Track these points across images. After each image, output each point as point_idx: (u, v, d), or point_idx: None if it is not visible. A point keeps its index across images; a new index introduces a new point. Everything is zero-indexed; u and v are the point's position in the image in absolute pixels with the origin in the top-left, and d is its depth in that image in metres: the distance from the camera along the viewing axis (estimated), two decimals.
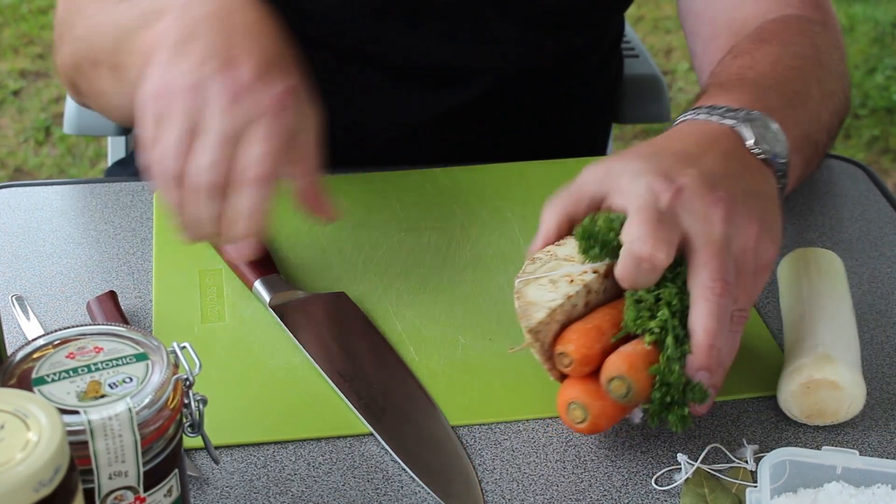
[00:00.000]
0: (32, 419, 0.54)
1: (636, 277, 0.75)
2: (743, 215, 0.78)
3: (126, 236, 1.00)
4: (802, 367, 0.80)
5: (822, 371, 0.79)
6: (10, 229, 1.00)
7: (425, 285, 0.94)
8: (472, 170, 1.09)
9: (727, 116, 0.84)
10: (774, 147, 0.84)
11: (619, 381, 0.74)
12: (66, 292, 0.93)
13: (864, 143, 2.90)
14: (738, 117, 0.84)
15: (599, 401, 0.76)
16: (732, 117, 0.84)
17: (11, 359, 0.62)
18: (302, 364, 0.86)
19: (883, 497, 0.73)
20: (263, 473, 0.77)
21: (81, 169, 2.72)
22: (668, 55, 3.17)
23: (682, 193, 0.76)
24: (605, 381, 0.74)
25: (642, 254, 0.74)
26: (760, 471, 0.73)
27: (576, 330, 0.76)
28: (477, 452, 0.80)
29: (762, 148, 0.83)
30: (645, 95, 1.48)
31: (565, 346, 0.76)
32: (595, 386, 0.76)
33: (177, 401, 0.63)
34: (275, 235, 0.99)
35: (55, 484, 0.52)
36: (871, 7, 3.40)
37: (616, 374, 0.74)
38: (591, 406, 0.76)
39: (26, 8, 3.29)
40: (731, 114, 0.84)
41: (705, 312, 0.74)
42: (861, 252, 1.01)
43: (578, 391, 0.76)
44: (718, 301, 0.74)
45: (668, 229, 0.75)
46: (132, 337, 0.64)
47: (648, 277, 0.75)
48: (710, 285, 0.74)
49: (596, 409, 0.76)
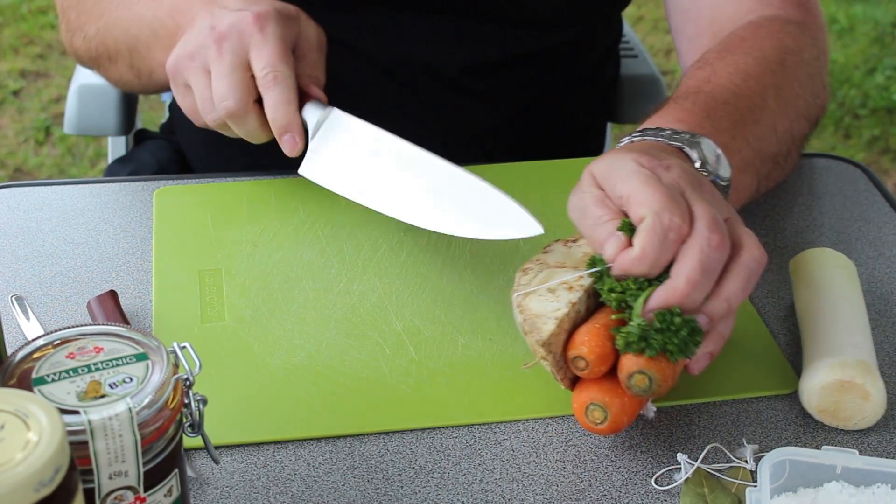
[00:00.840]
0: (32, 419, 0.54)
1: (661, 252, 0.74)
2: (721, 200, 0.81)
3: (126, 236, 1.00)
4: (845, 365, 0.80)
5: (863, 377, 0.79)
6: (10, 229, 1.00)
7: (425, 285, 0.94)
8: (471, 170, 1.09)
9: (673, 139, 0.86)
10: (718, 170, 0.85)
11: (641, 376, 0.74)
12: (66, 292, 0.93)
13: (864, 143, 2.90)
14: (682, 140, 0.85)
15: (618, 398, 0.76)
16: (678, 140, 0.85)
17: (11, 359, 0.62)
18: (302, 364, 0.86)
19: (883, 497, 0.73)
20: (263, 473, 0.78)
21: (81, 169, 2.72)
22: (667, 55, 3.17)
23: (673, 170, 0.78)
24: (626, 378, 0.74)
25: (671, 224, 0.74)
26: (760, 471, 0.73)
27: (586, 332, 0.76)
28: (477, 452, 0.80)
29: (707, 170, 0.85)
30: (644, 96, 1.48)
31: (579, 350, 0.76)
32: (610, 385, 0.76)
33: (177, 401, 0.63)
34: (274, 235, 0.99)
35: (55, 484, 0.52)
36: (871, 7, 3.40)
37: (636, 369, 0.74)
38: (610, 405, 0.76)
39: (26, 8, 3.29)
40: (677, 136, 0.86)
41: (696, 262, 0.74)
42: (861, 252, 1.01)
43: (595, 392, 0.76)
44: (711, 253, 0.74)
45: (681, 201, 0.76)
46: (132, 337, 0.64)
47: (672, 249, 0.74)
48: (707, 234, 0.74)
49: (615, 407, 0.76)
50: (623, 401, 0.76)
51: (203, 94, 0.93)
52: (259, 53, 0.91)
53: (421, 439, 0.81)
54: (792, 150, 1.00)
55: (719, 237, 0.74)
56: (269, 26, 0.92)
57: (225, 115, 0.93)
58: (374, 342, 0.88)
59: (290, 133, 0.92)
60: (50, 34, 3.19)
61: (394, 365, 0.86)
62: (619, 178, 0.78)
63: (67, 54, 1.20)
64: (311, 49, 0.98)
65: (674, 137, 0.86)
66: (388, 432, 0.81)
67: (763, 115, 0.95)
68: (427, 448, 0.80)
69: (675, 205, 0.75)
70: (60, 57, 3.09)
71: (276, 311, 0.91)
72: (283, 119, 0.92)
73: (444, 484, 0.77)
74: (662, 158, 0.80)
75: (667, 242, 0.74)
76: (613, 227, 0.76)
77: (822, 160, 1.15)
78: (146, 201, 1.04)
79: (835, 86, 3.10)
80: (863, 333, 0.84)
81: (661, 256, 0.74)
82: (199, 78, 0.93)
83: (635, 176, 0.77)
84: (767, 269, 0.98)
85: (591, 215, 0.78)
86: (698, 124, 0.88)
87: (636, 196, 0.76)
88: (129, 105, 1.41)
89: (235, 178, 1.07)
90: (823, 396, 0.81)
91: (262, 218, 1.02)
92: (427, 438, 0.81)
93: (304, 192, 1.04)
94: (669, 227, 0.74)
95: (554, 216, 1.03)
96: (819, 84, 1.04)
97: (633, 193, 0.76)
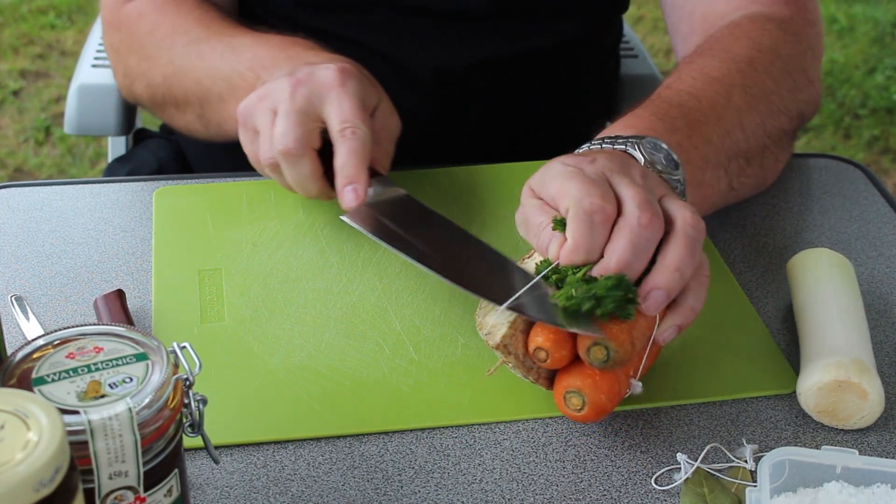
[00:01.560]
0: (32, 419, 0.54)
1: (591, 237, 0.76)
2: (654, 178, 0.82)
3: (126, 236, 1.00)
4: (840, 365, 0.80)
5: (859, 376, 0.80)
6: (10, 229, 1.00)
7: (425, 285, 0.94)
8: (471, 170, 1.09)
9: (617, 143, 0.87)
10: (668, 168, 0.86)
11: (597, 347, 0.75)
12: (66, 292, 0.93)
13: (864, 143, 2.90)
14: (626, 143, 0.87)
15: (589, 379, 0.77)
16: (622, 143, 0.87)
17: (11, 359, 0.62)
18: (302, 364, 0.86)
19: (883, 497, 0.73)
20: (263, 473, 0.78)
21: (81, 169, 2.72)
22: (667, 55, 3.17)
23: (598, 161, 0.80)
24: (585, 354, 0.76)
25: (593, 207, 0.76)
26: (760, 470, 0.73)
27: (539, 325, 0.78)
28: (477, 452, 0.80)
29: (657, 169, 0.85)
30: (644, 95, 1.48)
31: (535, 342, 0.77)
32: (580, 370, 0.77)
33: (177, 401, 0.63)
34: (274, 235, 0.99)
35: (55, 484, 0.52)
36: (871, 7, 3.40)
37: (591, 343, 0.75)
38: (583, 387, 0.77)
39: (26, 8, 3.29)
40: (622, 140, 0.87)
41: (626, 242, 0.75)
42: (861, 252, 1.01)
43: (568, 379, 0.77)
44: (641, 232, 0.75)
45: (602, 184, 0.78)
46: (132, 337, 0.64)
47: (603, 232, 0.76)
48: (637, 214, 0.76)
49: (588, 388, 0.77)
50: (595, 381, 0.77)
51: (265, 132, 0.91)
52: (338, 108, 0.89)
53: (421, 439, 0.81)
54: (770, 145, 1.01)
55: (649, 215, 0.76)
56: (350, 83, 0.91)
57: (281, 154, 0.90)
58: (374, 342, 0.88)
59: (355, 185, 0.87)
60: (50, 34, 3.19)
61: (394, 365, 0.86)
62: (548, 182, 0.81)
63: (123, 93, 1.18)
64: (387, 136, 0.96)
65: (618, 142, 0.87)
66: (388, 432, 0.81)
67: (726, 113, 0.96)
68: (427, 448, 0.80)
69: (595, 188, 0.77)
70: (60, 57, 3.09)
71: (276, 311, 0.91)
72: (353, 170, 0.88)
73: (444, 484, 0.77)
74: (588, 155, 0.83)
75: (594, 226, 0.76)
76: (550, 229, 0.79)
77: (821, 160, 1.15)
78: (146, 201, 1.04)
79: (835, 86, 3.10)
80: (859, 332, 0.84)
81: (593, 241, 0.76)
82: (265, 117, 0.91)
83: (560, 175, 0.79)
84: (768, 269, 0.98)
85: (532, 224, 0.81)
86: (648, 127, 0.90)
87: (560, 192, 0.78)
88: (128, 105, 1.41)
89: (235, 178, 1.07)
90: (821, 397, 0.81)
91: (262, 218, 1.02)
92: (427, 438, 0.81)
93: None
94: (592, 210, 0.76)
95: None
96: (802, 79, 1.05)
97: (558, 190, 0.79)
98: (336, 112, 0.89)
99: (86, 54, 1.50)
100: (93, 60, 1.48)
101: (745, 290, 0.96)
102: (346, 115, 0.89)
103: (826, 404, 0.81)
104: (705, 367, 0.87)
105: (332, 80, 0.90)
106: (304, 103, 0.89)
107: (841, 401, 0.81)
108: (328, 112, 0.90)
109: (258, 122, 0.92)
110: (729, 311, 0.93)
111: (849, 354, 0.81)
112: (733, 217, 1.05)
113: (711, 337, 0.90)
